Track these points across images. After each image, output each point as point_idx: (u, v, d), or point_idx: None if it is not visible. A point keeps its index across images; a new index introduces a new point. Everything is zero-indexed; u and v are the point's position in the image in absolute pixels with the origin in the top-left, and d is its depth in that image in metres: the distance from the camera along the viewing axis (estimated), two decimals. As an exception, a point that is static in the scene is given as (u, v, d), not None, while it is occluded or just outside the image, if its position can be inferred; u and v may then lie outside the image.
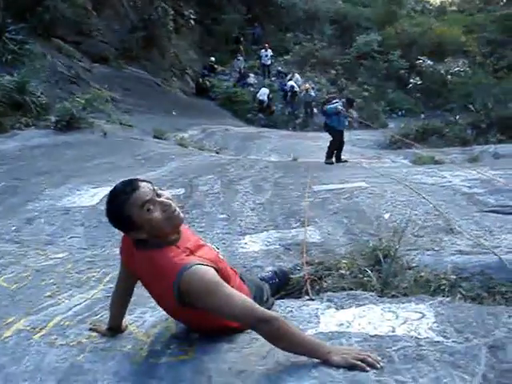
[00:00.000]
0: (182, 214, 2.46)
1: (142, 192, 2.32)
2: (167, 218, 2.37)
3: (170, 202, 2.40)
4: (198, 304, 2.28)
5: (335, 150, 11.17)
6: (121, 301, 2.84)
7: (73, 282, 3.98)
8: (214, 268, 2.37)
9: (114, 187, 2.40)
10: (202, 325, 2.58)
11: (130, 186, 2.34)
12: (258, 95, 23.93)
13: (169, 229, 2.40)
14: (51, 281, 4.04)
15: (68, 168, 8.83)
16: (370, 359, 2.19)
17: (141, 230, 2.36)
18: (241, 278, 2.91)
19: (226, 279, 2.44)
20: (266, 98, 23.67)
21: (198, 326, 2.64)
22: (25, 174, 8.33)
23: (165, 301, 2.49)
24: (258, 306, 2.29)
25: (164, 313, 2.68)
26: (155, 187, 2.42)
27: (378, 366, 2.18)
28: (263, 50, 26.94)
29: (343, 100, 11.55)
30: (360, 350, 2.34)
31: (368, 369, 2.15)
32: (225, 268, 2.57)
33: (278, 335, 2.20)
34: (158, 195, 2.38)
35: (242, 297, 2.31)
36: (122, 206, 2.31)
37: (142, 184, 2.36)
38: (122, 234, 2.55)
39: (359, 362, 2.16)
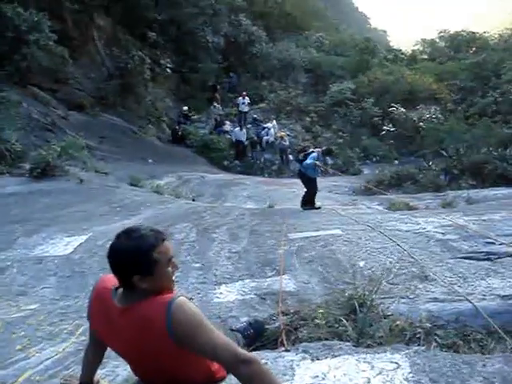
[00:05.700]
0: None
1: (170, 246, 2.38)
2: (172, 278, 2.40)
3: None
4: (188, 337, 2.18)
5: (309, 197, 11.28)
6: (94, 356, 2.73)
7: (44, 335, 3.92)
8: None
9: (139, 227, 2.36)
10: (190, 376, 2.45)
11: (160, 235, 2.36)
12: (234, 136, 24.05)
13: (167, 287, 2.37)
14: (22, 333, 3.97)
15: (42, 216, 8.73)
16: None
17: (152, 279, 2.29)
18: None
19: None
20: (244, 139, 23.85)
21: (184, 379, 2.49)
22: (-2, 223, 8.20)
23: (159, 353, 2.30)
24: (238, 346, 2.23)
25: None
26: None
27: None
28: (241, 98, 27.20)
29: (318, 150, 11.67)
30: None
31: None
32: None
33: (257, 379, 2.10)
34: None
35: (222, 334, 2.25)
36: (150, 249, 2.27)
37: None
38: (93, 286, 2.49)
39: None
